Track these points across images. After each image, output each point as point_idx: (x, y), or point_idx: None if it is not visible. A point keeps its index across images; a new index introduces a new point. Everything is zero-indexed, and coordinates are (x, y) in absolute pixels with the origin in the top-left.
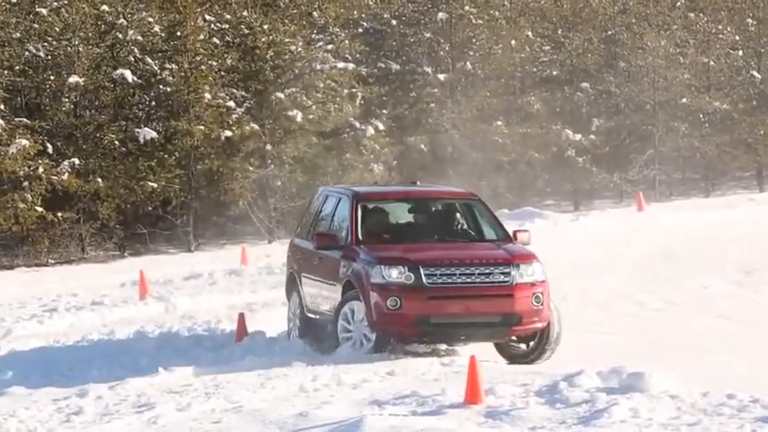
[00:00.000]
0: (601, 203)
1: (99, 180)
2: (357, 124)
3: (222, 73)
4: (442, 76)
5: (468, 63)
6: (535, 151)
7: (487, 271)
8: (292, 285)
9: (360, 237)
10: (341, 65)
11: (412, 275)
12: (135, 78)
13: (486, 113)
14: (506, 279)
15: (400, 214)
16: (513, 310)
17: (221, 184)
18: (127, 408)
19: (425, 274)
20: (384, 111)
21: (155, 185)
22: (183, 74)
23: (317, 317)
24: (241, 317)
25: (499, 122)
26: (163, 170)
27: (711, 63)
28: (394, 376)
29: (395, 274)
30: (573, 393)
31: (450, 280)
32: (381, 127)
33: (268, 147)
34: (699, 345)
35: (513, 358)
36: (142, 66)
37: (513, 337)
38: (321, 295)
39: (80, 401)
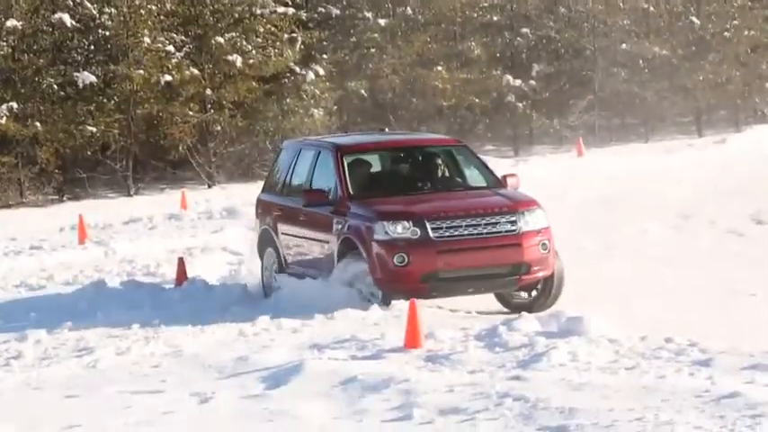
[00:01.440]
0: (541, 149)
1: (37, 124)
2: (297, 69)
3: (161, 17)
4: (382, 21)
5: (408, 8)
6: (475, 96)
7: (494, 221)
8: (267, 241)
9: (351, 191)
10: (281, 9)
11: (418, 230)
12: (73, 22)
13: (427, 59)
14: (513, 228)
15: (387, 165)
16: (523, 259)
17: (161, 128)
18: (66, 352)
19: (432, 228)
20: (324, 56)
21: (94, 130)
22: (122, 18)
23: (300, 272)
24: (181, 261)
25: (439, 68)
26: (102, 114)
27: (651, 8)
28: (334, 321)
29: (400, 229)
30: (512, 337)
31: (457, 233)
32: (321, 72)
33: (208, 91)
34: (638, 289)
35: (516, 308)
36: (81, 10)
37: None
38: (308, 252)
39: (19, 346)
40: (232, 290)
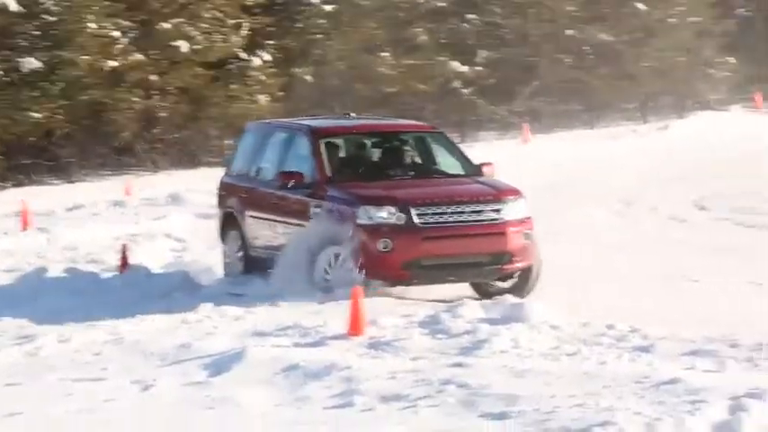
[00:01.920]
0: (486, 135)
1: None
2: (243, 55)
3: (107, 2)
4: (328, 7)
5: None
6: (421, 83)
7: (478, 209)
8: (230, 225)
9: (329, 174)
10: None
11: (403, 216)
12: (19, 7)
13: (373, 45)
14: (497, 217)
15: (365, 150)
16: (506, 248)
17: (105, 114)
18: (7, 339)
19: (417, 214)
20: (270, 41)
21: (38, 116)
22: (67, 3)
23: (268, 256)
24: (124, 248)
25: (385, 54)
26: (46, 100)
27: None
28: (276, 308)
29: (384, 215)
30: (455, 324)
31: (442, 219)
32: (267, 58)
33: (153, 77)
34: (581, 275)
35: (493, 297)
36: None
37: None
38: (279, 235)
39: None
40: (175, 277)
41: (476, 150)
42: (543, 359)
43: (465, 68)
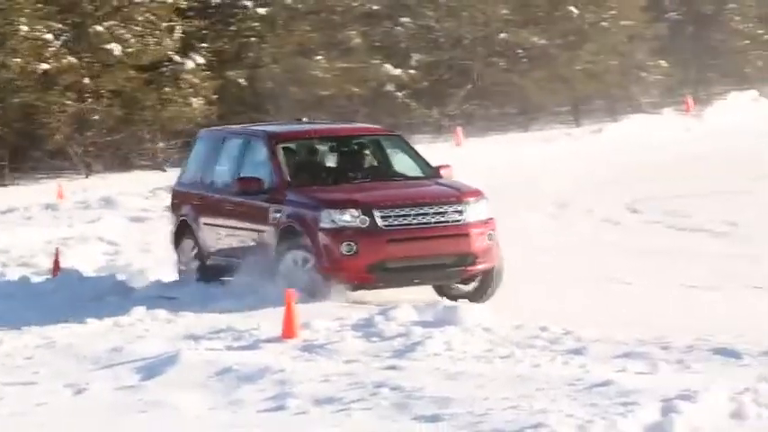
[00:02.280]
0: (420, 138)
1: None
2: (176, 58)
3: (39, 5)
4: (262, 10)
5: None
6: (354, 86)
7: (441, 210)
8: (184, 233)
9: (288, 180)
10: None
11: (366, 218)
12: None
13: (307, 48)
14: (460, 218)
15: (323, 154)
16: (470, 249)
17: (38, 117)
18: None
19: (380, 217)
20: (204, 44)
21: None
22: None
23: (225, 263)
24: (56, 252)
25: (319, 57)
26: None
27: None
28: (210, 311)
29: (347, 218)
30: (388, 327)
31: (405, 222)
32: (201, 61)
33: (86, 80)
34: (514, 278)
35: (455, 300)
36: None
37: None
38: (237, 242)
39: None
40: (108, 280)
41: None
42: (476, 362)
43: (398, 72)
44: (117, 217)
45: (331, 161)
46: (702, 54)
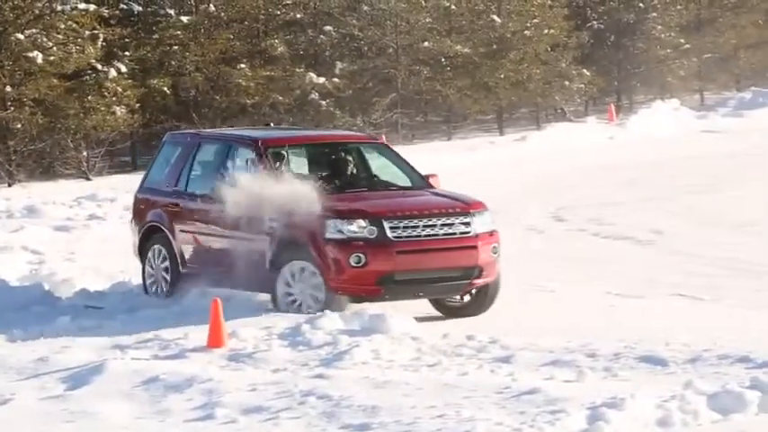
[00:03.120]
0: None
1: None
2: (99, 66)
3: None
4: (185, 18)
5: (211, 5)
6: (279, 94)
7: (449, 222)
8: (153, 240)
9: None
10: (82, 5)
11: (375, 229)
12: None
13: (230, 56)
14: (467, 230)
15: (314, 161)
16: (477, 262)
17: None
18: None
19: (390, 228)
20: (126, 53)
21: None
22: None
23: (206, 272)
24: None
25: (243, 65)
26: None
27: (453, 7)
28: (136, 320)
29: (355, 228)
30: (315, 336)
31: (414, 233)
32: (124, 69)
33: (8, 89)
34: None
35: (450, 312)
36: None
37: None
38: (223, 251)
39: None
40: (33, 290)
41: None
42: (404, 370)
43: (322, 80)
44: (40, 226)
45: (323, 169)
46: (625, 63)
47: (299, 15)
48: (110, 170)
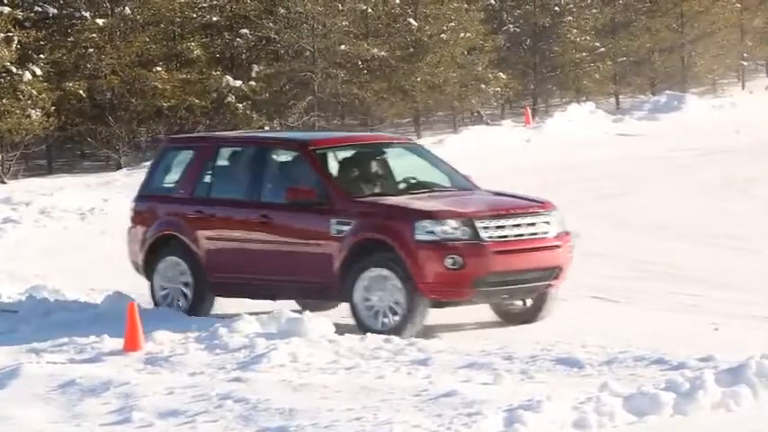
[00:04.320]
0: None
1: None
2: (14, 69)
3: None
4: (100, 21)
5: (126, 8)
6: (195, 97)
7: (533, 221)
8: (167, 251)
9: (346, 190)
10: None
11: (468, 230)
12: None
13: (146, 59)
14: (548, 229)
15: (361, 163)
16: (558, 263)
17: None
18: None
19: (482, 228)
20: (42, 55)
21: None
22: None
23: (247, 282)
24: None
25: (159, 68)
26: None
27: (369, 10)
28: (51, 324)
29: (448, 229)
30: (232, 339)
31: (503, 233)
32: (39, 72)
33: None
34: None
35: (511, 317)
36: None
37: None
38: (271, 259)
39: None
40: None
41: None
42: (321, 373)
43: (239, 83)
44: None
45: (375, 170)
46: (541, 66)
47: (215, 18)
48: (25, 173)
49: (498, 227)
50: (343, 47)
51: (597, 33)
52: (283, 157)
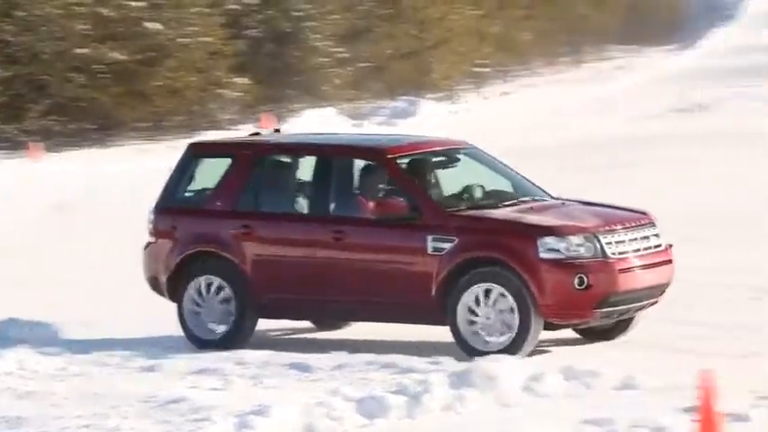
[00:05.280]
0: None
1: None
2: None
3: None
4: None
5: None
6: None
7: (646, 234)
8: (199, 272)
9: (439, 203)
10: None
11: (593, 246)
12: None
13: None
14: (659, 242)
15: (443, 172)
16: (670, 278)
17: None
18: None
19: (606, 243)
20: None
21: None
22: None
23: (312, 301)
24: None
25: None
26: None
27: (110, 13)
28: None
29: (573, 246)
30: None
31: (624, 249)
32: None
33: None
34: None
35: (595, 336)
36: None
37: None
38: (346, 277)
39: None
40: None
41: None
42: (51, 380)
43: None
44: None
45: (457, 179)
46: (282, 71)
47: None
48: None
49: (619, 242)
50: (81, 50)
51: (339, 39)
52: (355, 165)
